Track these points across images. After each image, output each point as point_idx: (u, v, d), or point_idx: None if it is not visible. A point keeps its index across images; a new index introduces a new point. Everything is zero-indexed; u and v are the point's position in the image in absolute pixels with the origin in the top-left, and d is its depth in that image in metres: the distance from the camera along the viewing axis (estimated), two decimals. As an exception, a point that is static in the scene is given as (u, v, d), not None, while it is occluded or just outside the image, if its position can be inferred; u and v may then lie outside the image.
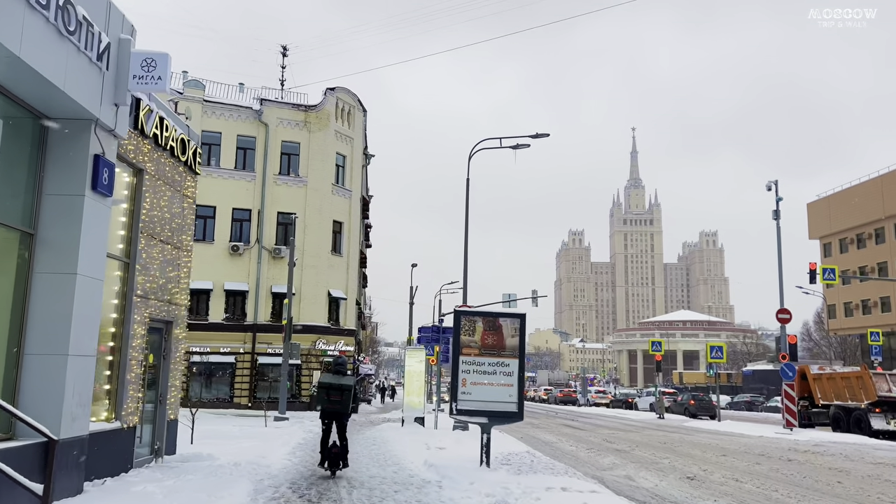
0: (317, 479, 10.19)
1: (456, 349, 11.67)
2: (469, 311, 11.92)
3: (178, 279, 11.10)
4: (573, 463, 14.03)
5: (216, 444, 13.53)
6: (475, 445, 15.34)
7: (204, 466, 10.12)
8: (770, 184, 26.08)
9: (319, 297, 33.33)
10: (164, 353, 10.82)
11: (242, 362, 31.92)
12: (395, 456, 13.59)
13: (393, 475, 10.80)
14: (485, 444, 11.48)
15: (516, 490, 9.01)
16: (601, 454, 16.35)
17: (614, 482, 11.50)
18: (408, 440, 16.81)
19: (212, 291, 31.67)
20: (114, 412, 9.18)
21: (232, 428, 19.30)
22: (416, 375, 22.34)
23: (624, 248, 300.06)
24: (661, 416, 34.66)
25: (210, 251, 31.93)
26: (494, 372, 11.57)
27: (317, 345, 32.79)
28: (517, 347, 11.71)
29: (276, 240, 32.96)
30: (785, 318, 25.39)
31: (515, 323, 11.80)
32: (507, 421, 11.75)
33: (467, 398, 11.46)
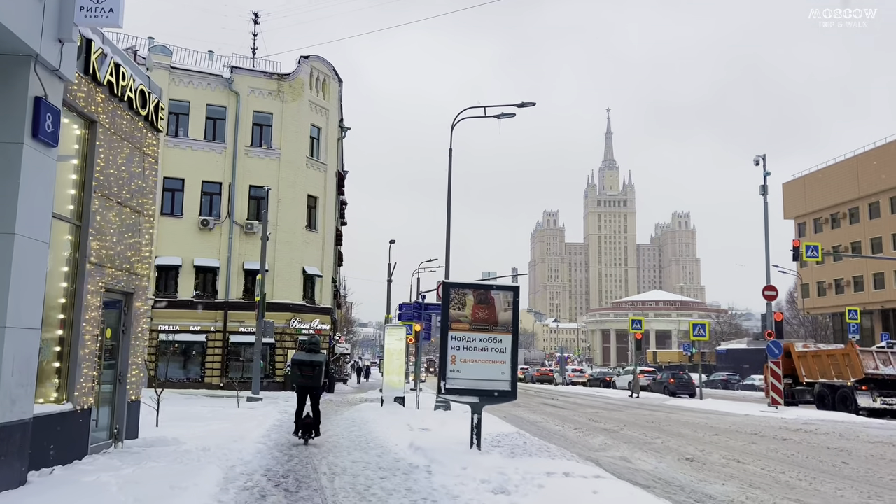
0: (294, 464, 9.31)
1: (445, 324, 10.82)
2: (459, 284, 11.06)
3: (139, 247, 10.05)
4: (563, 444, 13.34)
5: (184, 427, 12.55)
6: (461, 426, 14.58)
7: (169, 452, 9.18)
8: (758, 158, 25.53)
9: (294, 274, 32.22)
10: (124, 328, 9.80)
11: (214, 341, 30.77)
12: (377, 438, 12.75)
13: (377, 459, 9.96)
14: (475, 425, 10.69)
15: (514, 476, 8.22)
16: (590, 434, 15.71)
17: (611, 464, 10.82)
18: (389, 421, 15.98)
19: (181, 268, 30.38)
20: (65, 393, 8.17)
21: (202, 409, 18.30)
22: (396, 354, 21.49)
23: (598, 229, 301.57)
24: (636, 395, 34.28)
25: (179, 226, 30.61)
26: (486, 348, 10.75)
27: (291, 323, 31.74)
28: (510, 322, 10.89)
29: (249, 214, 31.70)
30: (771, 294, 24.99)
31: (509, 296, 10.97)
32: (499, 400, 10.96)
33: (457, 376, 10.64)
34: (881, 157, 53.56)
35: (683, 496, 8.40)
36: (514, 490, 7.62)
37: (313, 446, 11.22)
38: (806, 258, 29.43)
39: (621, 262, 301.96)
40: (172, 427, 12.25)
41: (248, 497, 6.99)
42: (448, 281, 11.16)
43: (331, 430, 14.16)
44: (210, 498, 6.70)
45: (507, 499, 7.27)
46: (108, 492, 6.41)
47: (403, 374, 21.43)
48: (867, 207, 57.86)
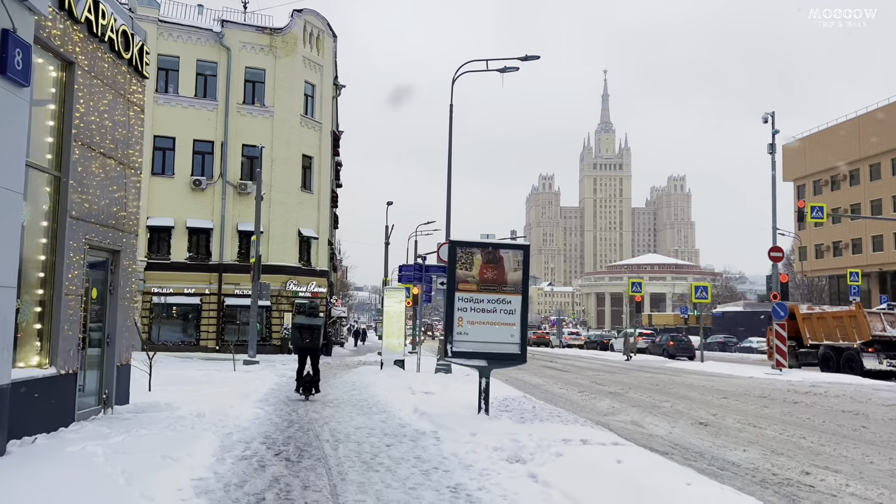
0: (295, 430, 8.82)
1: (451, 285, 10.26)
2: (466, 242, 10.46)
3: (125, 202, 9.39)
4: (570, 408, 12.94)
5: (178, 392, 12.06)
6: (465, 390, 14.16)
7: (161, 418, 8.67)
8: (766, 115, 24.80)
9: (289, 235, 31.57)
10: (111, 288, 9.20)
11: (208, 304, 30.25)
12: (379, 402, 12.30)
13: (381, 425, 9.49)
14: (483, 389, 10.21)
15: (528, 443, 7.75)
16: (595, 397, 15.32)
17: (623, 429, 10.40)
18: (390, 384, 15.55)
19: (173, 229, 29.69)
20: (47, 356, 7.61)
21: (197, 373, 17.84)
22: (396, 317, 21.02)
23: (593, 193, 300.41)
24: (628, 357, 33.83)
25: (170, 186, 29.83)
26: (494, 310, 10.22)
27: (287, 286, 31.21)
28: (520, 282, 10.34)
29: (242, 174, 30.90)
30: (777, 256, 24.53)
31: (519, 255, 10.40)
32: (508, 364, 10.48)
33: (464, 339, 10.12)
34: (884, 118, 52.76)
35: (705, 463, 7.96)
36: (530, 458, 7.14)
37: (314, 412, 10.75)
38: (811, 219, 28.93)
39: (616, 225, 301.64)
40: (166, 391, 11.75)
41: (246, 467, 6.49)
42: (455, 239, 10.59)
43: (331, 394, 13.71)
44: (205, 469, 6.19)
45: (523, 468, 6.79)
46: (94, 463, 5.89)
47: (403, 336, 21.01)
48: (868, 169, 57.28)
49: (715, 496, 5.25)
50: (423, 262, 18.77)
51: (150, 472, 5.70)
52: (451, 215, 19.97)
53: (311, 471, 6.48)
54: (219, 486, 5.72)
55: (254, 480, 5.96)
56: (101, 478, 5.40)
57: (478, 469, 6.78)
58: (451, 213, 19.96)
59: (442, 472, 6.60)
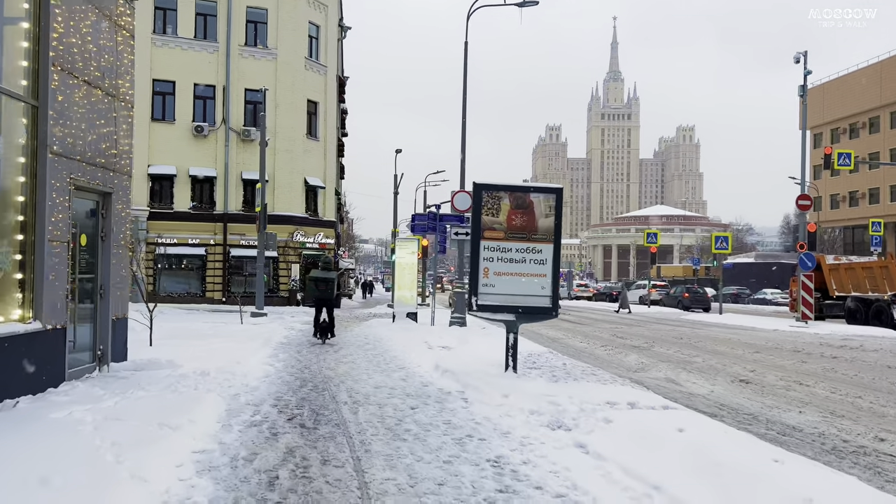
0: (308, 391, 8.04)
1: (476, 232, 9.36)
2: (493, 186, 9.50)
3: (116, 138, 8.43)
4: (597, 363, 12.17)
5: (181, 346, 11.31)
6: (484, 345, 13.40)
7: (161, 377, 7.89)
8: (798, 55, 23.43)
9: (295, 184, 30.56)
10: (103, 234, 8.32)
11: (214, 254, 29.47)
12: (396, 358, 11.53)
13: (402, 384, 8.71)
14: (511, 345, 9.40)
15: (569, 406, 6.95)
16: (620, 352, 14.56)
17: (659, 387, 9.62)
18: (405, 338, 14.81)
19: (175, 177, 28.70)
20: (31, 309, 6.78)
21: (203, 325, 17.14)
22: (408, 268, 20.19)
23: (601, 144, 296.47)
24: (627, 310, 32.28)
25: (171, 132, 28.72)
26: (523, 260, 9.33)
27: (294, 236, 30.36)
28: (552, 230, 9.41)
29: (245, 120, 29.70)
30: (805, 204, 23.48)
31: (551, 199, 9.44)
32: (538, 318, 9.64)
33: (490, 291, 9.27)
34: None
35: (761, 427, 7.17)
36: (574, 425, 6.34)
37: (328, 369, 9.99)
38: (838, 166, 27.73)
39: (623, 177, 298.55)
40: (168, 346, 11.01)
41: (255, 436, 5.70)
42: (481, 182, 9.63)
43: (344, 349, 12.97)
44: (209, 439, 5.41)
45: (568, 436, 6.00)
46: (80, 433, 5.10)
47: (415, 289, 20.22)
48: (888, 116, 55.53)
49: (820, 479, 4.41)
50: (438, 211, 17.84)
51: (145, 445, 4.90)
52: (457, 165, 18.95)
53: (329, 440, 5.69)
54: (224, 460, 4.93)
55: (265, 453, 5.17)
56: (85, 452, 4.60)
57: (517, 437, 5.99)
58: (456, 163, 18.92)
59: (477, 442, 5.81)
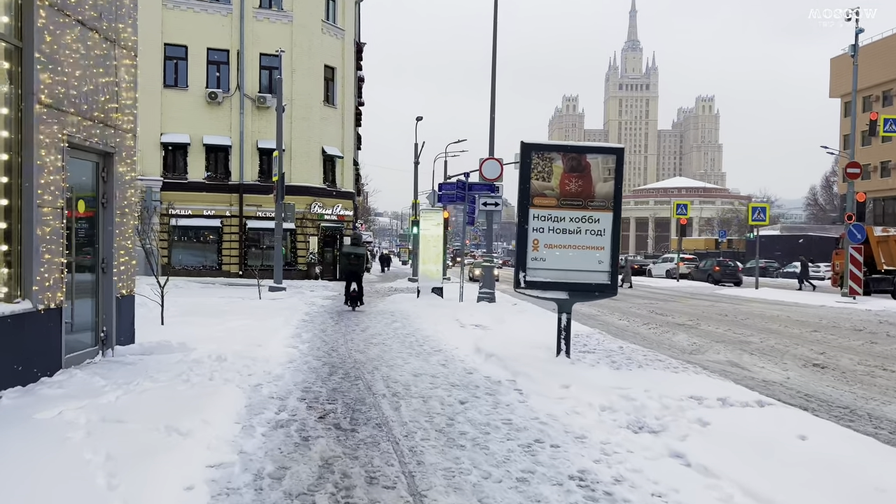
0: (340, 379, 7.03)
1: (524, 199, 8.25)
2: (544, 146, 8.36)
3: (117, 90, 7.37)
4: (646, 343, 11.11)
5: (196, 325, 10.38)
6: (522, 323, 12.37)
7: (172, 363, 6.92)
8: (850, 13, 21.81)
9: (313, 153, 29.48)
10: (104, 200, 7.30)
11: (230, 226, 28.59)
12: (429, 338, 10.52)
13: (443, 371, 7.69)
14: (564, 326, 8.34)
15: (648, 401, 5.90)
16: (666, 330, 13.47)
17: (726, 372, 8.60)
18: (433, 315, 13.81)
19: (189, 146, 27.71)
20: (18, 287, 5.81)
21: (219, 301, 16.24)
22: (433, 240, 19.12)
23: (618, 115, 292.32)
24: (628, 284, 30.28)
25: (184, 99, 27.66)
26: (578, 230, 8.22)
27: (312, 208, 29.36)
28: (611, 196, 8.28)
29: (260, 87, 28.59)
30: (854, 172, 22.08)
31: (610, 161, 8.29)
32: (595, 296, 8.54)
33: (540, 266, 8.20)
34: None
35: (868, 425, 6.11)
36: (661, 427, 5.30)
37: (358, 351, 8.98)
38: (884, 132, 26.18)
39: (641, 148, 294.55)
40: (182, 325, 10.07)
41: (283, 441, 4.70)
42: (531, 141, 8.50)
43: (372, 328, 11.97)
44: (227, 447, 4.42)
45: (657, 441, 4.96)
46: (69, 442, 4.12)
47: (441, 262, 19.18)
48: (925, 83, 53.32)
49: None
50: (467, 180, 16.70)
51: (147, 458, 3.92)
52: (473, 139, 17.76)
53: (372, 447, 4.68)
54: (246, 478, 3.92)
55: (296, 467, 4.16)
56: (71, 472, 3.62)
57: (595, 443, 4.95)
58: (471, 136, 17.73)
59: (551, 450, 4.77)
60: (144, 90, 27.67)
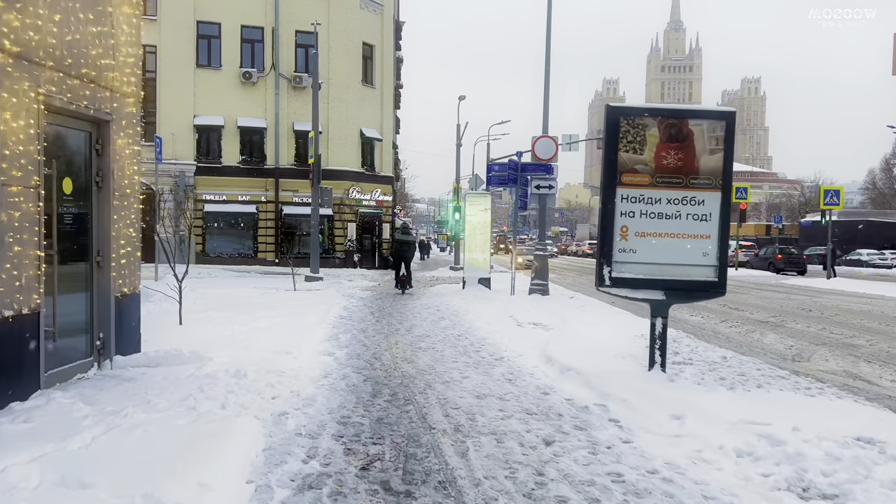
0: (385, 403, 5.56)
1: (610, 177, 6.69)
2: (635, 109, 6.78)
3: (113, 42, 6.01)
4: (735, 346, 9.45)
5: (219, 323, 9.10)
6: (591, 324, 10.79)
7: (181, 379, 5.59)
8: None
9: (350, 136, 28.15)
10: (99, 178, 5.98)
11: (265, 212, 27.48)
12: (485, 341, 9.03)
13: (512, 391, 6.19)
14: (659, 334, 6.77)
15: (807, 448, 4.33)
16: (750, 329, 11.73)
17: (847, 387, 6.94)
18: (485, 312, 12.35)
19: (223, 129, 26.61)
20: (-24, 289, 4.50)
21: (251, 292, 15.02)
22: (480, 227, 17.59)
23: (660, 98, 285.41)
24: None
25: (218, 79, 26.55)
26: (677, 214, 6.64)
27: (350, 193, 28.08)
28: (720, 171, 6.67)
29: (296, 66, 27.30)
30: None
31: (718, 128, 6.66)
32: (698, 296, 6.94)
33: (629, 259, 6.64)
34: None
35: None
36: (842, 493, 3.74)
37: (405, 360, 7.50)
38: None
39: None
40: (203, 324, 8.78)
41: (311, 516, 3.28)
42: (618, 104, 6.93)
43: (418, 326, 10.53)
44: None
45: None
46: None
47: (488, 251, 17.66)
48: None
49: None
50: (519, 160, 15.13)
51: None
52: (543, 103, 16.14)
53: (438, 528, 3.22)
54: None
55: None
56: None
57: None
58: (545, 98, 16.10)
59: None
60: (177, 70, 26.74)
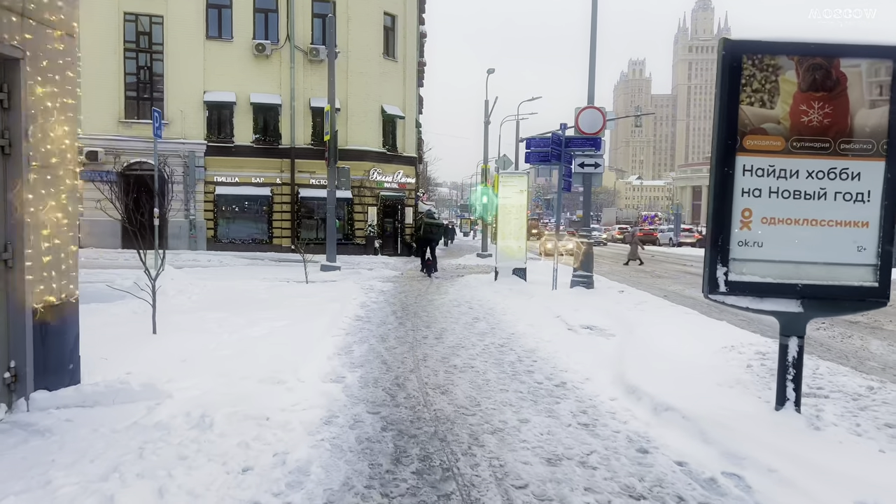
0: (414, 473, 3.73)
1: (727, 140, 4.81)
2: (764, 44, 4.85)
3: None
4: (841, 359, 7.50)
5: (205, 332, 7.33)
6: (656, 327, 8.86)
7: (116, 434, 3.83)
8: None
9: (371, 113, 26.27)
10: (4, 143, 4.19)
11: (280, 195, 25.77)
12: (534, 354, 7.15)
13: (596, 447, 4.29)
14: (793, 361, 4.86)
15: None
16: (846, 334, 9.72)
17: None
18: (527, 310, 10.49)
19: (235, 105, 24.85)
20: None
21: (258, 284, 13.30)
22: (515, 211, 15.67)
23: (688, 79, 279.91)
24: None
25: (229, 52, 24.77)
26: (821, 193, 4.74)
27: (371, 175, 26.24)
28: (884, 132, 4.71)
29: (312, 37, 25.40)
30: None
31: (882, 70, 4.70)
32: (850, 307, 4.97)
33: (754, 256, 4.76)
34: None
35: None
36: None
37: (438, 392, 5.60)
38: None
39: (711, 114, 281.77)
40: (182, 334, 7.02)
41: None
42: (740, 38, 4.99)
43: (449, 330, 8.67)
44: None
45: None
46: None
47: (524, 238, 15.74)
48: None
49: None
50: (563, 134, 13.16)
51: None
52: (589, 68, 14.12)
53: None
54: None
55: None
56: None
57: None
58: (591, 62, 14.10)
59: None
60: (185, 42, 25.00)
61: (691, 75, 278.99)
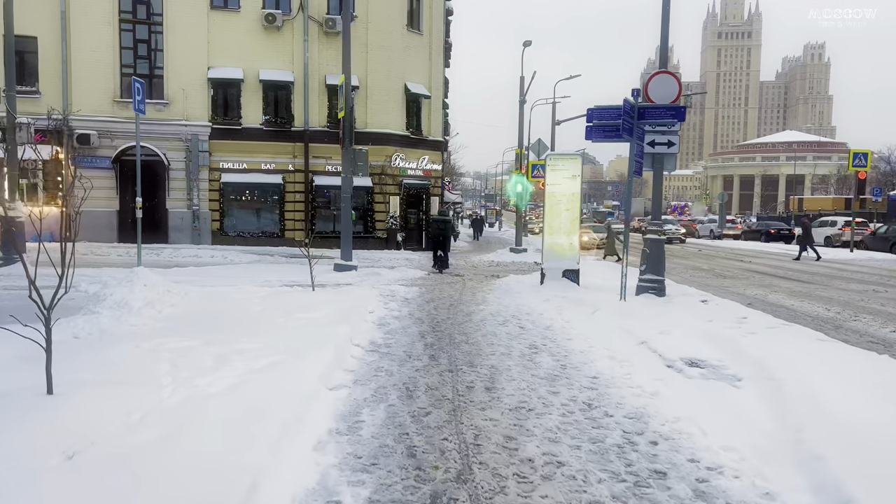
0: None
1: None
2: None
3: None
4: None
5: (132, 389, 4.87)
6: (790, 358, 6.25)
7: None
8: None
9: (393, 92, 23.67)
10: None
11: (293, 183, 23.31)
12: (645, 421, 4.52)
13: None
14: None
15: None
16: None
17: None
18: (596, 331, 7.88)
19: (243, 83, 22.39)
20: None
21: (255, 291, 10.87)
22: (565, 200, 12.98)
23: (716, 66, 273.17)
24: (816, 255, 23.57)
25: (236, 24, 22.31)
26: None
27: (393, 161, 23.68)
28: None
29: (328, 7, 22.85)
30: None
31: None
32: None
33: None
34: None
35: None
36: None
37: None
38: None
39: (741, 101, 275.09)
40: (97, 390, 4.55)
41: None
42: None
43: (504, 375, 6.03)
44: None
45: None
46: None
47: (576, 233, 13.10)
48: None
49: None
50: (636, 101, 10.46)
51: None
52: (661, 31, 11.29)
53: None
54: None
55: None
56: None
57: None
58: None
59: None
60: (187, 13, 22.49)
61: (720, 62, 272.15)
